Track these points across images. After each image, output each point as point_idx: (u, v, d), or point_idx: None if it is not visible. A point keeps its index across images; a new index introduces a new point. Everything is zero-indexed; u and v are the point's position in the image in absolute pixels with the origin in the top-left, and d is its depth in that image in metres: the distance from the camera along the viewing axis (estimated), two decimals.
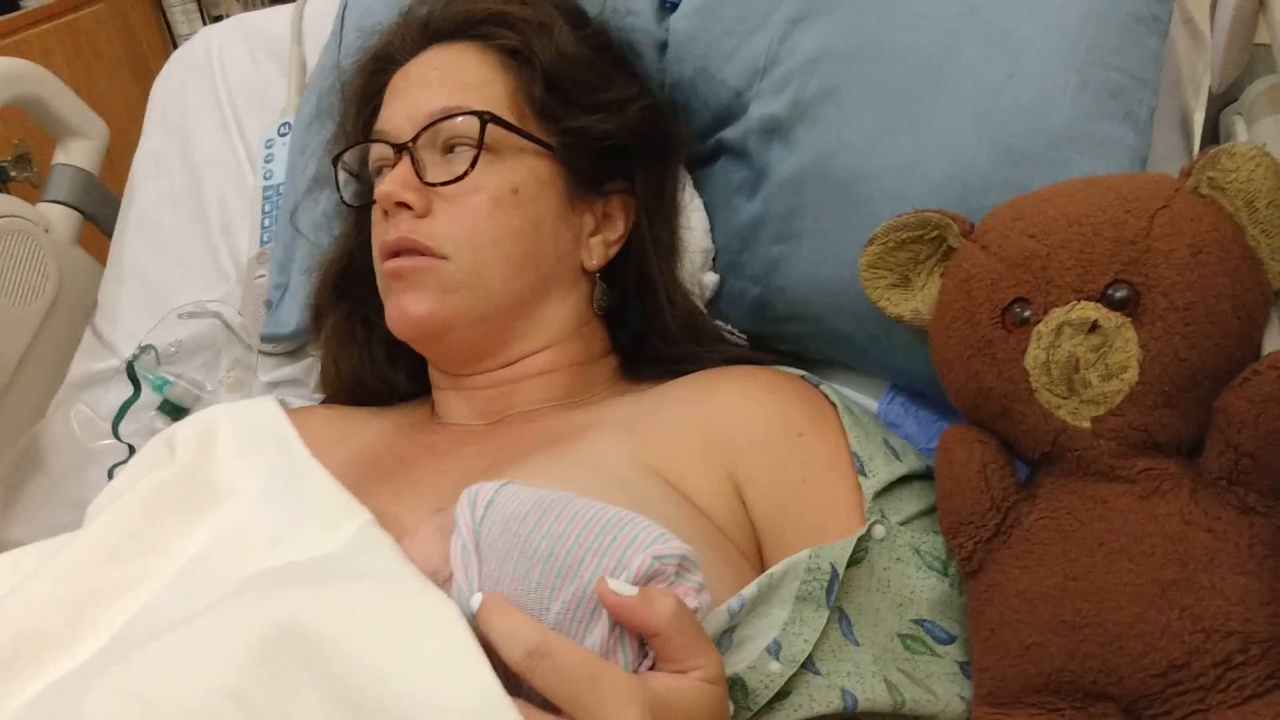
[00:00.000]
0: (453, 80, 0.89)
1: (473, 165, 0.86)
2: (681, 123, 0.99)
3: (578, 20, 0.95)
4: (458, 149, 0.87)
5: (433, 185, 0.86)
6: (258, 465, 0.77)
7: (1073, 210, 0.70)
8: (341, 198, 0.99)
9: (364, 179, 0.98)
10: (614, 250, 0.94)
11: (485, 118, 0.86)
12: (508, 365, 0.90)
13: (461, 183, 0.86)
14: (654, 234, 0.94)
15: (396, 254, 0.86)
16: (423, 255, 0.85)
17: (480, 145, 0.86)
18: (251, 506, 0.75)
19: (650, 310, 0.95)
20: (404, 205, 0.86)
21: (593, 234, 0.93)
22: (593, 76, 0.92)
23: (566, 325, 0.91)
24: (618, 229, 0.94)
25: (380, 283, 0.91)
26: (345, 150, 0.98)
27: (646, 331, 0.95)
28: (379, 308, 0.92)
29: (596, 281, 0.94)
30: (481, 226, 0.86)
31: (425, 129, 0.87)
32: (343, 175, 0.98)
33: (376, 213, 0.89)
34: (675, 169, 0.99)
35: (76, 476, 1.19)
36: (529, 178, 0.88)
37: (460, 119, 0.86)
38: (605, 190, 0.94)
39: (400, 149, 0.88)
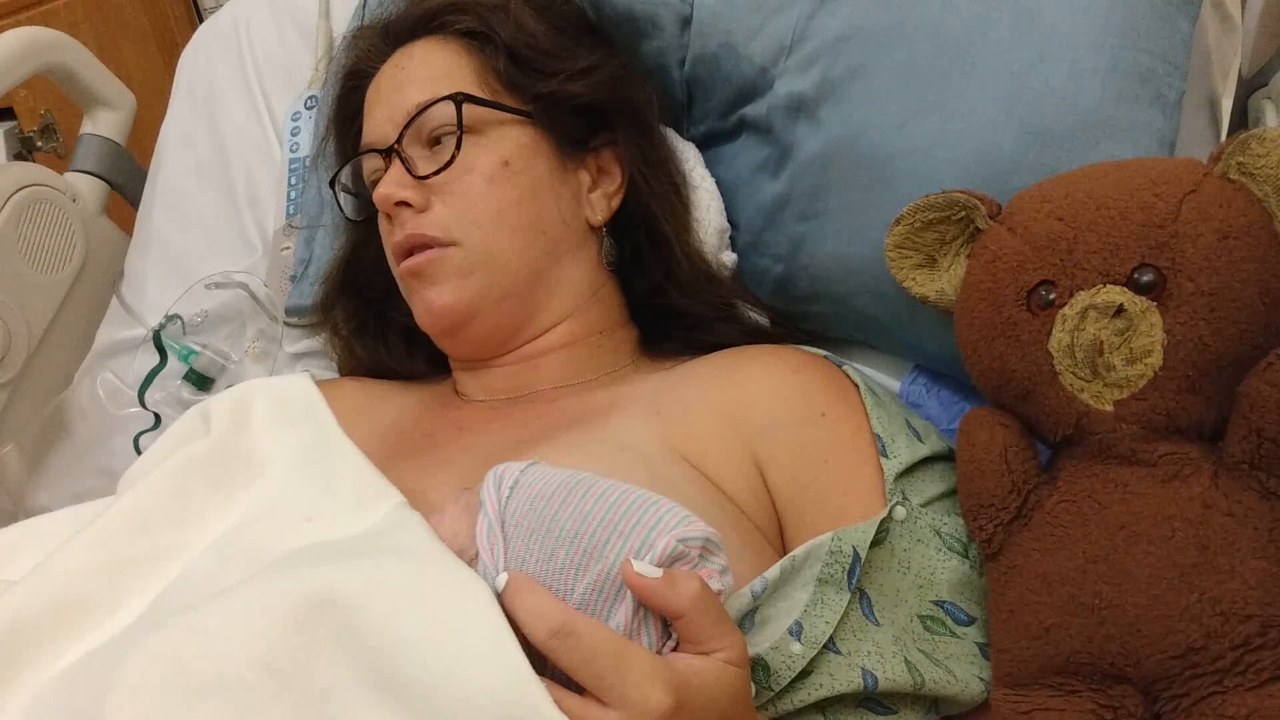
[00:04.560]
0: (422, 75, 0.90)
1: (458, 147, 0.87)
2: (651, 85, 1.00)
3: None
4: (442, 138, 0.88)
5: (425, 178, 0.87)
6: (292, 441, 0.78)
7: (1100, 193, 0.70)
8: (345, 215, 1.01)
9: (363, 195, 0.99)
10: (616, 201, 0.94)
11: (459, 99, 0.87)
12: (529, 342, 0.91)
13: (452, 167, 0.87)
14: (651, 186, 0.94)
15: (409, 253, 0.88)
16: (432, 247, 0.86)
17: (460, 127, 0.87)
18: (286, 482, 0.75)
19: (665, 263, 0.95)
20: (404, 204, 0.87)
21: (591, 189, 0.94)
22: (554, 46, 0.92)
23: (582, 289, 0.92)
24: (615, 179, 0.95)
25: (401, 287, 0.92)
26: (339, 170, 1.00)
27: (664, 285, 0.95)
28: (392, 303, 0.94)
29: (604, 237, 0.94)
30: (481, 205, 0.87)
31: (406, 127, 0.88)
32: (343, 196, 1.00)
33: (383, 221, 0.91)
34: (655, 122, 0.99)
35: (102, 444, 1.21)
36: (515, 148, 0.89)
37: (436, 108, 0.88)
38: (593, 146, 0.94)
39: (388, 153, 0.89)
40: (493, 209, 0.87)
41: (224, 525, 0.73)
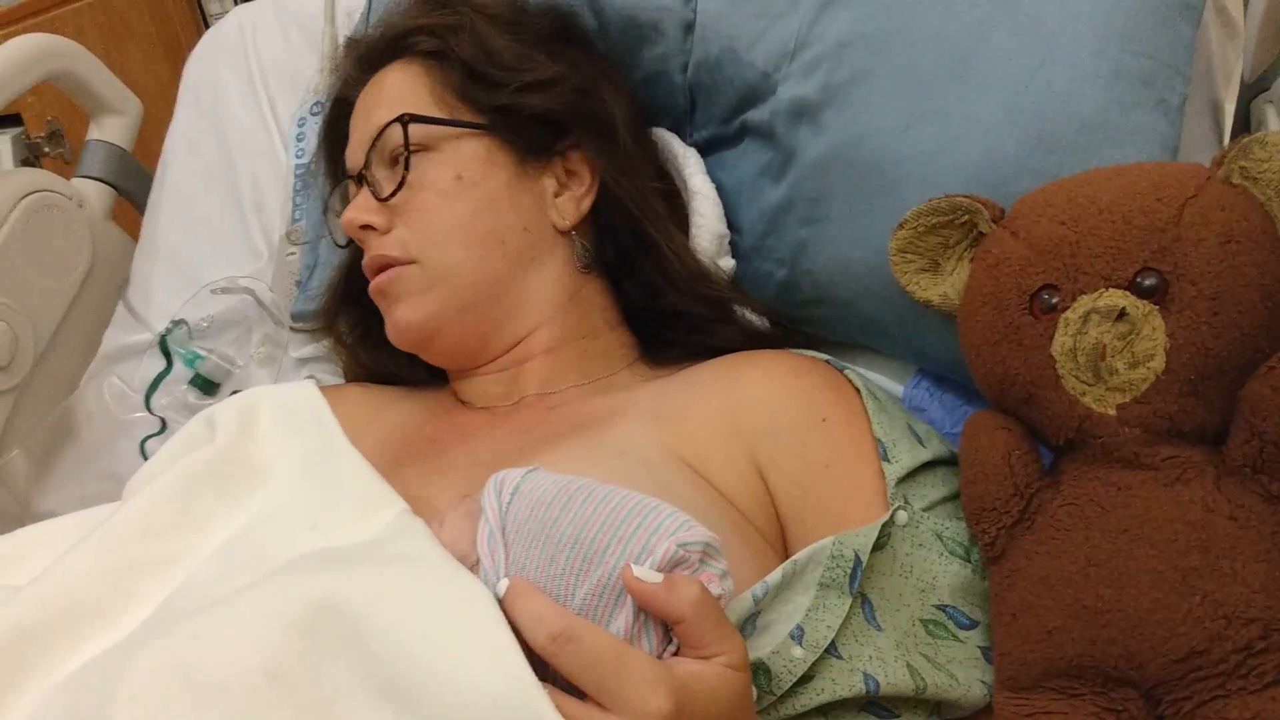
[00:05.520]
0: (385, 100, 0.92)
1: (406, 167, 0.89)
2: (624, 88, 1.00)
3: (500, 15, 0.96)
4: (399, 159, 0.90)
5: (385, 199, 0.89)
6: (297, 448, 0.79)
7: (1103, 198, 0.70)
8: (334, 241, 1.03)
9: None
10: (586, 204, 0.94)
11: (404, 120, 0.89)
12: (509, 350, 0.92)
13: (407, 186, 0.89)
14: (622, 187, 0.94)
15: (377, 274, 0.90)
16: (394, 266, 0.88)
17: (407, 146, 0.89)
18: (290, 489, 0.76)
19: (653, 262, 0.95)
20: (369, 228, 0.89)
21: (558, 194, 0.94)
22: (515, 59, 0.93)
23: (555, 295, 0.92)
24: (584, 181, 0.94)
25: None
26: (330, 194, 1.03)
27: (656, 284, 0.95)
28: None
29: (575, 240, 0.94)
30: (435, 221, 0.88)
31: (370, 151, 0.91)
32: (336, 220, 1.01)
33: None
34: (623, 127, 0.96)
35: (108, 448, 1.21)
36: (470, 160, 0.90)
37: (390, 130, 0.90)
38: (558, 150, 0.94)
39: (358, 178, 0.92)
40: (447, 224, 0.88)
41: (229, 531, 0.74)
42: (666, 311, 0.96)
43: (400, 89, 0.93)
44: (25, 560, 0.77)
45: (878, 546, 0.73)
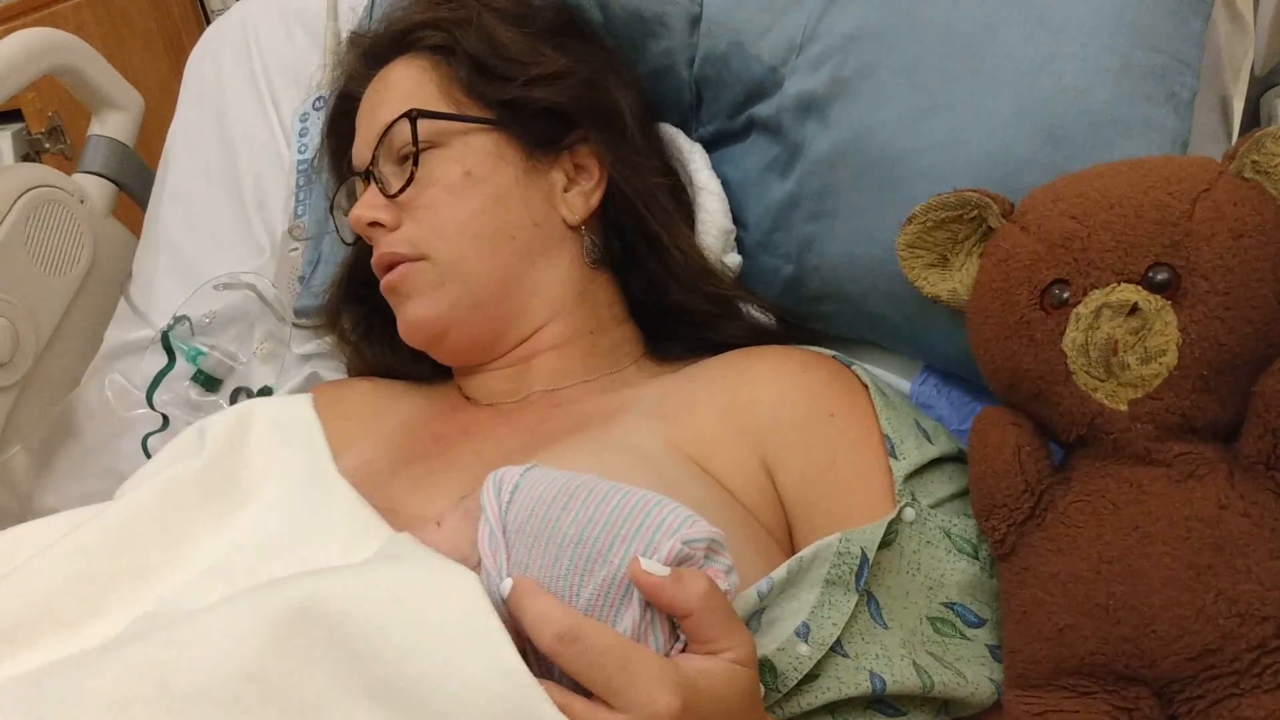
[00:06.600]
0: (392, 96, 0.92)
1: (415, 163, 0.88)
2: (632, 82, 0.99)
3: (507, 9, 0.95)
4: (408, 155, 0.89)
5: (393, 196, 0.89)
6: (286, 470, 0.78)
7: (1114, 192, 0.69)
8: (341, 238, 1.03)
9: None
10: (595, 199, 0.94)
11: (412, 115, 0.88)
12: (518, 345, 0.91)
13: (416, 182, 0.88)
14: (630, 183, 0.93)
15: (387, 271, 0.89)
16: (404, 263, 0.88)
17: (415, 142, 0.88)
18: (277, 514, 0.75)
19: (659, 257, 0.94)
20: (377, 225, 0.89)
21: (567, 188, 0.93)
22: (522, 53, 0.92)
23: (565, 290, 0.92)
24: (593, 176, 0.94)
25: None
26: (336, 192, 1.03)
27: (662, 279, 0.95)
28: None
29: (584, 235, 0.94)
30: (444, 217, 0.88)
31: (377, 148, 0.90)
32: (343, 217, 1.01)
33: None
34: (631, 122, 0.96)
35: (110, 445, 1.21)
36: (479, 156, 0.90)
37: (398, 126, 0.89)
38: (566, 144, 0.94)
39: (365, 175, 0.91)
40: (456, 220, 0.88)
41: (211, 548, 0.73)
42: (672, 307, 0.95)
43: (407, 84, 0.92)
44: (16, 558, 0.76)
45: (885, 544, 0.72)
